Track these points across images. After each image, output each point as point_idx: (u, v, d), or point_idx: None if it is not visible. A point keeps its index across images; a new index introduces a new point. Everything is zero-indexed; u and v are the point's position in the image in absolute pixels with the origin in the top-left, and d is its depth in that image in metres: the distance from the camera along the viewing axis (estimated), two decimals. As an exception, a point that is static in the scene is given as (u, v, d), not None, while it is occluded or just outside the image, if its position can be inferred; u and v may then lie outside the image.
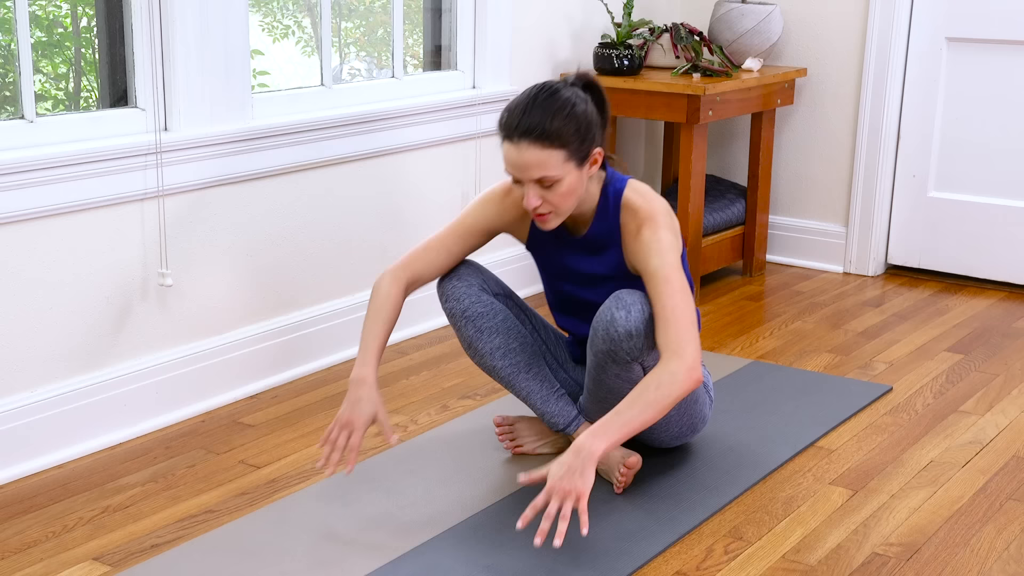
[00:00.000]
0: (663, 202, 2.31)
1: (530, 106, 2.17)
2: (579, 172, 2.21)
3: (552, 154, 2.16)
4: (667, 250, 2.22)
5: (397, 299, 2.36)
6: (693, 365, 2.12)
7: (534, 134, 2.16)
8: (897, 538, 2.27)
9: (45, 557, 2.16)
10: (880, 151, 4.02)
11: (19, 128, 2.45)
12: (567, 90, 2.20)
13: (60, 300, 2.53)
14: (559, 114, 2.16)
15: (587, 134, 2.20)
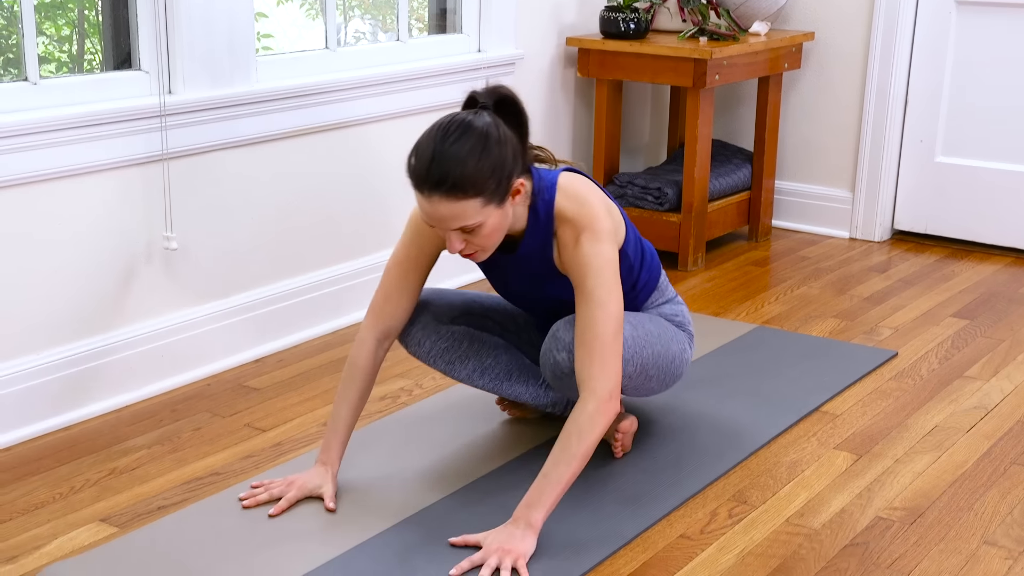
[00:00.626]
0: (598, 198, 2.16)
1: (437, 154, 1.97)
2: (501, 210, 2.03)
3: (468, 204, 1.98)
4: (604, 266, 2.07)
5: (370, 367, 2.24)
6: (610, 397, 2.03)
7: (445, 187, 1.96)
8: (901, 502, 2.27)
9: (53, 518, 2.17)
10: (887, 116, 3.99)
11: (23, 90, 2.44)
12: (476, 124, 1.99)
13: (65, 263, 2.53)
14: (470, 160, 1.97)
15: (503, 172, 2.00)
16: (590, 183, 2.20)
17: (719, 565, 2.04)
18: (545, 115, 3.83)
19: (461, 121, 2.01)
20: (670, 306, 2.42)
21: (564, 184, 2.15)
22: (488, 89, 2.09)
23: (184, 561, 2.00)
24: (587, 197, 2.14)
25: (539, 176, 2.16)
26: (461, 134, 1.99)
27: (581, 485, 2.28)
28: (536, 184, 2.14)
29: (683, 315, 2.45)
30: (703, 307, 3.39)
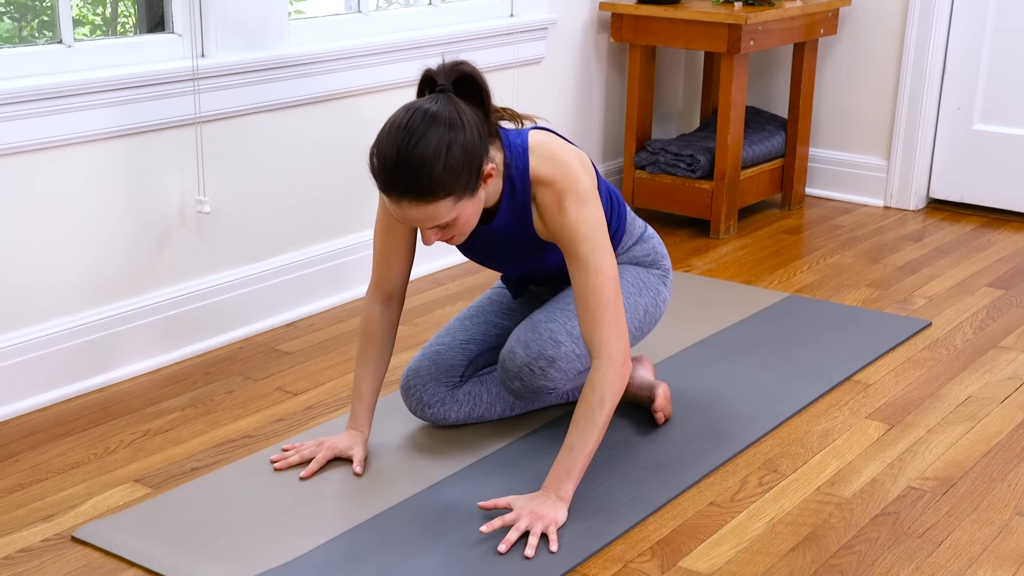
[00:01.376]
0: (573, 154, 2.07)
1: (402, 159, 1.86)
2: (474, 198, 1.95)
3: (440, 205, 1.89)
4: (595, 230, 2.01)
5: (380, 332, 2.22)
6: (624, 361, 2.00)
7: (413, 192, 1.87)
8: (933, 472, 2.26)
9: (88, 478, 2.19)
10: (925, 82, 3.94)
11: (57, 53, 2.44)
12: (439, 119, 1.88)
13: (99, 226, 2.54)
14: (437, 162, 1.86)
15: (473, 164, 1.91)
16: (561, 140, 2.12)
17: (749, 533, 2.04)
18: (577, 81, 3.80)
19: (423, 116, 1.88)
20: (641, 246, 2.35)
21: (536, 146, 2.06)
22: (445, 67, 1.97)
23: (216, 522, 2.02)
24: (563, 156, 2.06)
25: (508, 142, 2.06)
26: (424, 132, 1.87)
27: (611, 452, 2.28)
28: (507, 151, 2.05)
29: (655, 251, 2.37)
30: (734, 275, 3.38)
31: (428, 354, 2.34)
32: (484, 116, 1.98)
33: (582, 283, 2.01)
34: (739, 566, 1.94)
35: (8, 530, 2.02)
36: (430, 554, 1.93)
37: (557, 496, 2.02)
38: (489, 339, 2.39)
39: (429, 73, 1.99)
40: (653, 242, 2.38)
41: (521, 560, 1.92)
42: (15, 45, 2.47)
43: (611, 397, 1.99)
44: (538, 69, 3.63)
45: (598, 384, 1.99)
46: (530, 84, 3.61)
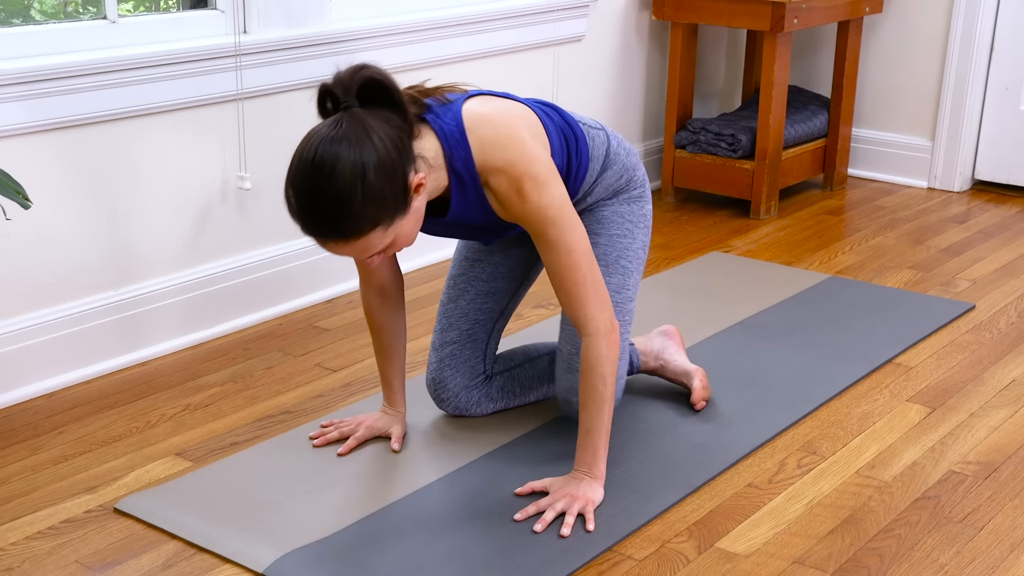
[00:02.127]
0: (519, 122, 1.91)
1: (316, 203, 1.73)
2: (407, 215, 1.81)
3: (370, 237, 1.77)
4: (560, 211, 1.89)
5: (383, 320, 2.18)
6: (611, 328, 1.95)
7: (336, 235, 1.76)
8: (975, 456, 2.24)
9: (130, 451, 2.22)
10: (972, 62, 3.88)
11: (102, 29, 2.46)
12: (346, 152, 1.72)
13: (140, 201, 2.56)
14: (353, 201, 1.72)
15: (397, 186, 1.76)
16: (499, 106, 1.94)
17: (787, 515, 2.03)
18: (618, 59, 3.78)
19: (329, 147, 1.72)
20: (611, 170, 2.14)
21: (474, 127, 1.89)
22: (343, 80, 1.78)
23: (255, 496, 2.04)
24: (507, 133, 1.89)
25: (442, 130, 1.88)
26: (334, 167, 1.71)
27: (649, 432, 2.28)
28: (442, 141, 1.88)
29: (623, 166, 2.16)
30: (775, 256, 3.35)
31: (446, 360, 2.27)
32: (400, 118, 1.81)
33: (555, 264, 1.92)
34: (777, 548, 1.94)
35: (53, 501, 2.04)
36: (465, 532, 1.94)
37: (591, 476, 2.02)
38: (492, 313, 2.29)
39: (327, 89, 1.79)
40: (620, 155, 2.16)
41: (557, 539, 1.92)
42: (60, 21, 2.48)
43: (610, 369, 1.96)
44: (579, 47, 3.61)
45: (594, 361, 1.96)
46: (570, 62, 3.59)
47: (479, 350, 2.28)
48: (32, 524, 1.97)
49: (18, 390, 2.40)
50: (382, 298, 2.18)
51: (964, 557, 1.92)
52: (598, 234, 2.17)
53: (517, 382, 2.34)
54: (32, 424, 2.31)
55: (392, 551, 1.89)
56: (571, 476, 2.03)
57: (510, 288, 2.29)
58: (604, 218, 2.17)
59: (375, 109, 1.79)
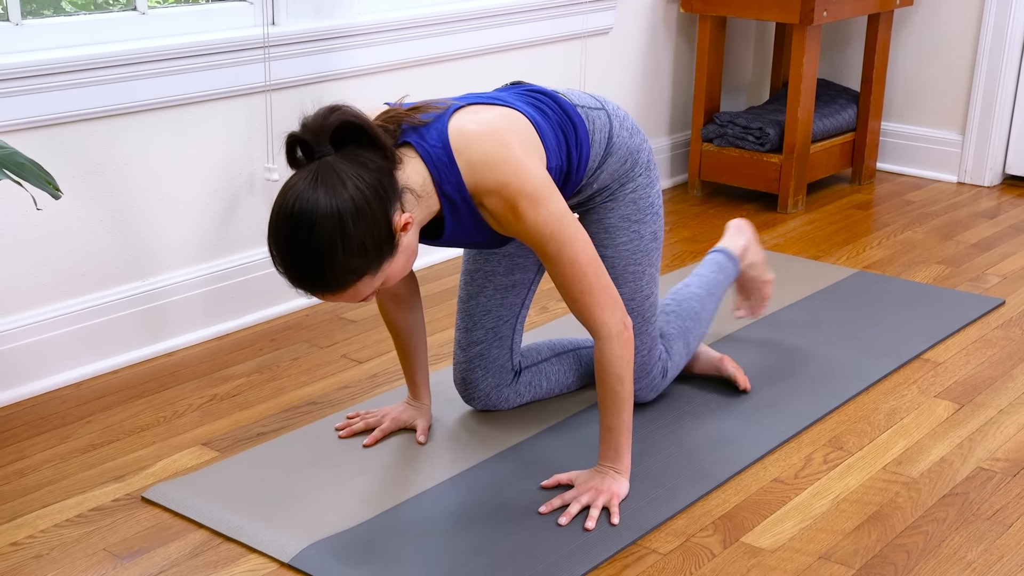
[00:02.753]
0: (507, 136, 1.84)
1: (299, 261, 1.72)
2: (395, 256, 1.78)
3: (358, 286, 1.76)
4: (559, 226, 1.85)
5: (400, 321, 2.17)
6: (623, 328, 1.93)
7: (322, 288, 1.75)
8: (1004, 453, 2.22)
9: (157, 440, 2.23)
10: (1004, 55, 3.85)
11: (132, 20, 2.47)
12: (322, 206, 1.68)
13: (170, 192, 2.58)
14: (335, 256, 1.70)
15: (380, 234, 1.73)
16: (484, 120, 1.87)
17: (813, 510, 2.02)
18: (645, 53, 3.77)
19: (304, 207, 1.69)
20: (614, 156, 2.09)
21: (461, 148, 1.83)
22: (313, 128, 1.72)
23: (281, 486, 2.05)
24: (497, 153, 1.83)
25: (428, 155, 1.84)
26: (311, 228, 1.68)
27: (676, 426, 2.27)
28: (429, 167, 1.83)
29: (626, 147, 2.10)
30: (802, 250, 3.34)
31: (474, 361, 2.26)
32: (379, 155, 1.76)
33: (559, 275, 1.90)
34: (803, 543, 1.93)
35: (81, 489, 2.06)
36: (490, 525, 1.94)
37: (616, 470, 2.02)
38: (514, 307, 2.26)
39: (298, 138, 1.74)
40: (623, 137, 2.10)
41: (581, 533, 1.92)
42: (91, 12, 2.50)
43: (626, 369, 1.96)
44: (606, 40, 3.60)
45: (609, 364, 1.95)
46: (598, 55, 3.58)
47: (506, 348, 2.28)
48: (61, 512, 1.99)
49: (46, 379, 2.42)
50: (397, 301, 2.18)
51: (992, 554, 1.90)
52: (605, 246, 2.16)
53: (544, 376, 2.34)
54: (60, 413, 2.33)
55: (417, 543, 1.89)
56: (596, 470, 2.03)
57: (527, 279, 2.27)
58: (611, 227, 2.15)
59: (351, 151, 1.75)
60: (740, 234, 2.59)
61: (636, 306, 2.19)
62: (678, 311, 2.40)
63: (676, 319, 2.38)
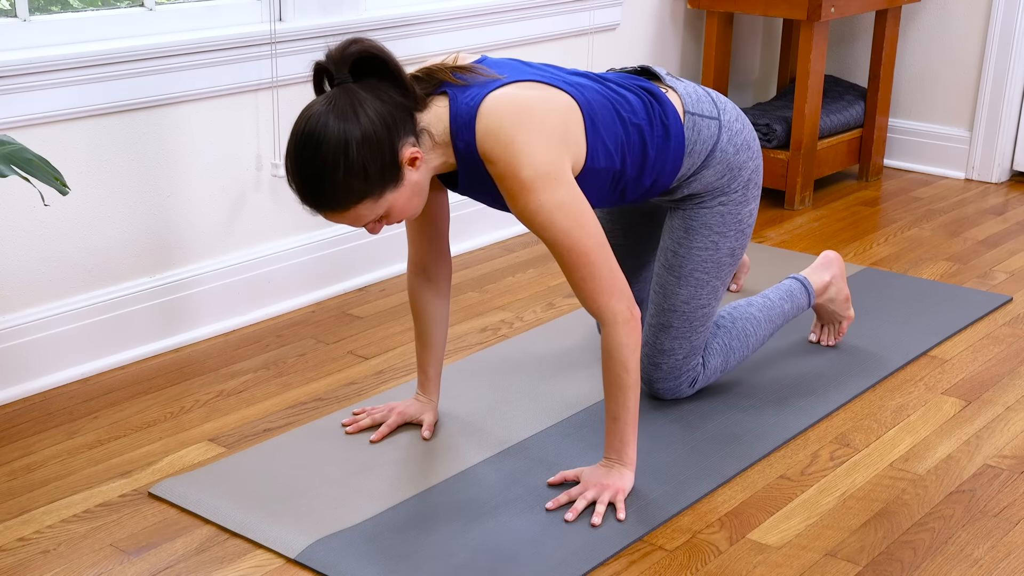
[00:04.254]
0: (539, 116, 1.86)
1: (303, 176, 1.79)
2: (401, 187, 1.83)
3: (359, 208, 1.81)
4: (550, 213, 1.85)
5: (420, 303, 2.19)
6: (630, 316, 1.93)
7: (324, 205, 1.81)
8: (1011, 450, 2.21)
9: (164, 436, 2.24)
10: (1012, 51, 3.84)
11: (139, 16, 2.47)
12: (329, 128, 1.76)
13: (177, 188, 2.58)
14: (336, 173, 1.77)
15: (382, 160, 1.78)
16: (526, 96, 1.88)
17: (819, 507, 2.02)
18: (653, 48, 3.76)
19: (313, 127, 1.77)
20: (712, 168, 2.13)
21: (485, 112, 1.86)
22: (335, 57, 1.80)
23: (287, 482, 2.05)
24: (509, 132, 1.84)
25: (456, 112, 1.88)
26: (319, 142, 1.76)
27: (682, 422, 2.27)
28: (453, 121, 1.87)
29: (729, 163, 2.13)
30: (809, 247, 3.33)
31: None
32: (399, 91, 1.82)
33: (561, 262, 1.92)
34: (809, 540, 1.93)
35: (88, 485, 2.07)
36: (497, 520, 1.94)
37: (621, 464, 2.01)
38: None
39: (321, 67, 1.83)
40: (727, 152, 2.13)
41: (587, 529, 1.92)
42: (98, 8, 2.50)
43: (632, 356, 1.95)
44: (613, 36, 3.60)
45: (615, 350, 1.94)
46: (605, 51, 3.57)
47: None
48: (68, 507, 2.00)
49: (54, 375, 2.42)
50: (426, 281, 2.18)
51: (999, 551, 1.90)
52: (680, 244, 2.21)
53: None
54: (68, 409, 2.34)
55: (423, 538, 1.89)
56: (601, 464, 2.03)
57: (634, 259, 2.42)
58: (691, 228, 2.20)
59: (370, 82, 1.82)
60: (827, 269, 2.58)
61: (689, 311, 2.23)
62: (729, 328, 2.37)
63: (724, 336, 2.36)
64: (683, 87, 2.15)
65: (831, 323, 2.63)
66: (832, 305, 2.59)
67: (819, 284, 2.55)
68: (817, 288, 2.55)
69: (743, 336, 2.38)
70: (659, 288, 2.27)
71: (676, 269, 2.22)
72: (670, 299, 2.24)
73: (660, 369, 2.29)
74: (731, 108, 2.20)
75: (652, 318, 2.29)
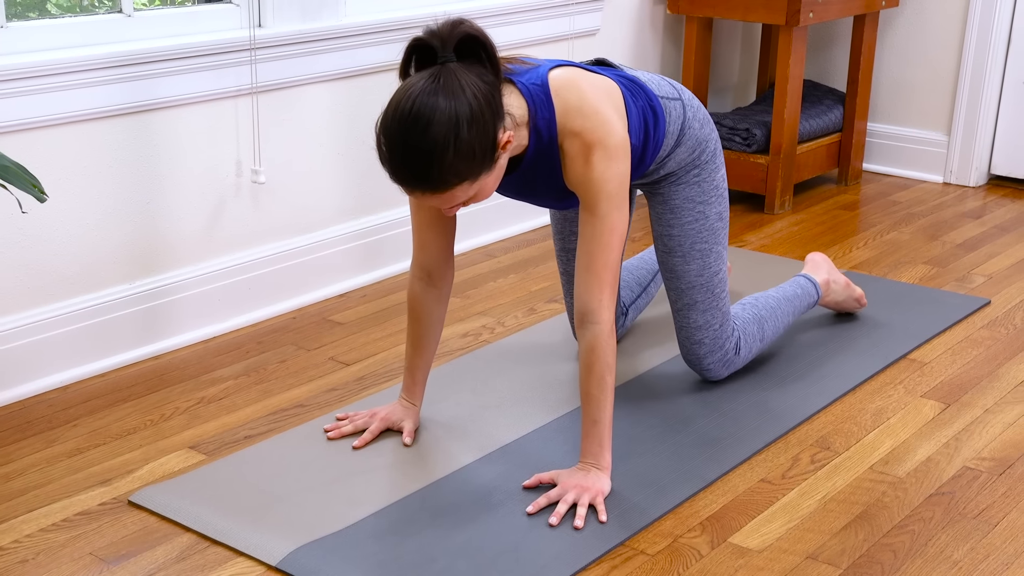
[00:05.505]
0: (603, 95, 1.97)
1: (410, 152, 1.76)
2: (493, 171, 1.86)
3: (456, 190, 1.82)
4: (618, 188, 1.94)
5: (420, 306, 2.18)
6: (610, 321, 1.96)
7: (426, 184, 1.79)
8: (990, 453, 2.23)
9: (144, 444, 2.23)
10: (988, 56, 3.86)
11: (117, 22, 2.47)
12: (441, 104, 1.75)
13: (156, 195, 2.57)
14: (447, 152, 1.75)
15: (487, 143, 1.80)
16: (586, 77, 2.00)
17: (800, 510, 2.03)
18: (633, 53, 3.77)
19: (426, 101, 1.75)
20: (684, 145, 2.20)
21: (560, 89, 1.95)
22: (442, 34, 1.80)
23: (268, 489, 2.05)
24: (592, 102, 1.94)
25: (528, 90, 1.94)
26: (430, 120, 1.74)
27: (663, 427, 2.28)
28: (528, 100, 1.93)
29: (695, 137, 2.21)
30: (789, 251, 3.34)
31: None
32: (494, 75, 1.84)
33: (593, 239, 1.95)
34: (790, 543, 1.93)
35: (67, 493, 2.05)
36: (479, 525, 1.94)
37: (598, 467, 2.02)
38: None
39: (425, 41, 1.81)
40: (693, 127, 2.22)
41: (570, 532, 1.92)
42: (76, 14, 2.49)
43: (613, 360, 1.99)
44: (593, 41, 3.60)
45: (602, 351, 1.97)
46: (585, 56, 3.58)
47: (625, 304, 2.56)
48: (47, 516, 1.98)
49: (33, 383, 2.41)
50: (429, 285, 2.18)
51: (978, 553, 1.91)
52: (672, 225, 2.28)
53: (637, 310, 2.66)
54: (47, 417, 2.32)
55: (405, 544, 1.89)
56: (578, 468, 2.03)
57: None
58: (676, 207, 2.27)
59: (469, 64, 1.82)
60: (816, 271, 2.73)
61: (705, 281, 2.31)
62: (754, 304, 2.52)
63: (752, 308, 2.51)
64: (644, 75, 2.22)
65: (849, 310, 2.80)
66: (838, 296, 2.73)
67: (823, 282, 2.69)
68: (822, 284, 2.68)
69: (769, 309, 2.52)
70: (669, 273, 2.33)
71: (677, 249, 2.29)
72: (684, 278, 2.31)
73: (703, 345, 2.36)
74: (685, 89, 2.29)
75: (675, 303, 2.36)
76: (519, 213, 3.45)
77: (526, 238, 3.41)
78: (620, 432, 2.24)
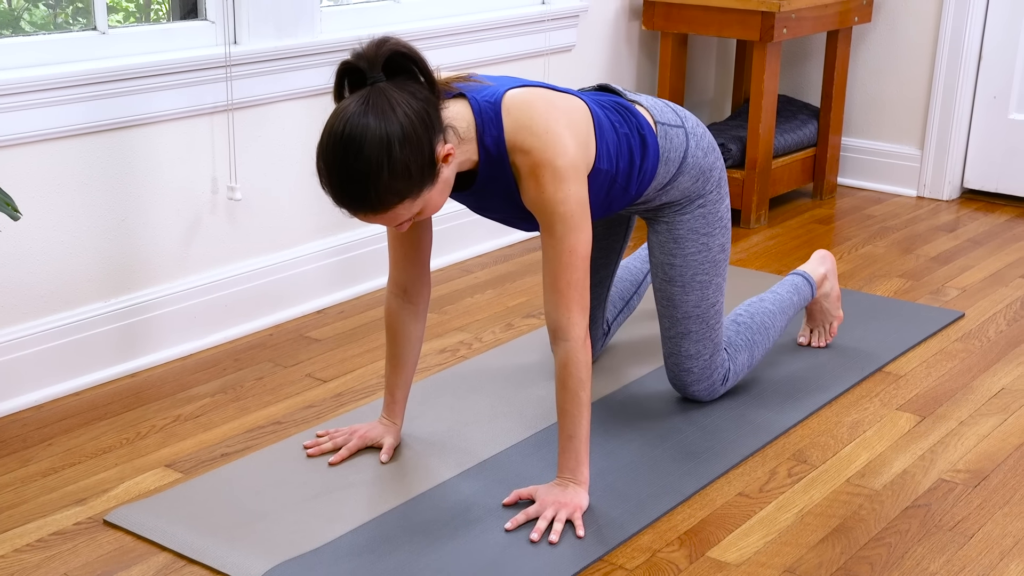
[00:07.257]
0: (560, 115, 1.93)
1: (344, 179, 1.77)
2: (435, 184, 1.84)
3: (398, 209, 1.81)
4: (573, 210, 1.91)
5: (397, 323, 2.18)
6: (586, 337, 1.96)
7: (365, 207, 1.80)
8: (965, 464, 2.24)
9: (120, 462, 2.21)
10: (960, 71, 3.90)
11: (92, 40, 2.46)
12: (371, 128, 1.75)
13: (131, 212, 2.56)
14: (380, 175, 1.76)
15: (423, 160, 1.79)
16: (541, 95, 1.96)
17: (778, 523, 2.03)
18: (608, 69, 3.79)
19: (355, 123, 1.75)
20: (686, 174, 2.20)
21: (512, 107, 1.92)
22: (369, 53, 1.79)
23: (245, 507, 2.04)
24: (543, 121, 1.91)
25: (478, 106, 1.93)
26: (361, 144, 1.75)
27: (641, 441, 2.28)
28: (476, 116, 1.92)
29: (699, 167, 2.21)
30: (765, 265, 3.36)
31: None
32: (427, 88, 1.82)
33: (554, 261, 1.94)
34: (768, 557, 1.94)
35: (42, 513, 2.04)
36: (457, 542, 1.94)
37: (575, 482, 2.02)
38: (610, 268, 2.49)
39: (352, 65, 1.81)
40: (697, 157, 2.21)
41: (548, 548, 1.92)
42: (50, 32, 2.48)
43: (587, 375, 1.98)
44: (569, 57, 3.62)
45: (575, 368, 1.96)
46: (561, 72, 3.59)
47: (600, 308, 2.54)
48: (21, 536, 1.97)
49: (7, 402, 2.39)
50: (405, 302, 2.18)
51: (954, 565, 1.92)
52: (674, 255, 2.28)
53: (619, 324, 2.68)
54: (21, 436, 2.31)
55: (383, 562, 1.88)
56: (556, 483, 2.03)
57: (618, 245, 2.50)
58: (680, 237, 2.27)
59: (400, 81, 1.81)
60: (821, 263, 2.71)
61: (701, 312, 2.31)
62: (749, 324, 2.49)
63: (746, 331, 2.48)
64: (647, 100, 2.22)
65: (822, 324, 2.74)
66: (826, 302, 2.70)
67: (817, 277, 2.68)
68: (816, 280, 2.67)
69: (763, 329, 2.50)
70: (666, 301, 2.32)
71: (677, 279, 2.29)
72: (681, 307, 2.31)
73: (692, 373, 2.36)
74: (690, 115, 2.29)
75: (667, 330, 2.35)
76: (496, 229, 3.45)
77: (503, 253, 3.42)
78: (598, 446, 2.24)
